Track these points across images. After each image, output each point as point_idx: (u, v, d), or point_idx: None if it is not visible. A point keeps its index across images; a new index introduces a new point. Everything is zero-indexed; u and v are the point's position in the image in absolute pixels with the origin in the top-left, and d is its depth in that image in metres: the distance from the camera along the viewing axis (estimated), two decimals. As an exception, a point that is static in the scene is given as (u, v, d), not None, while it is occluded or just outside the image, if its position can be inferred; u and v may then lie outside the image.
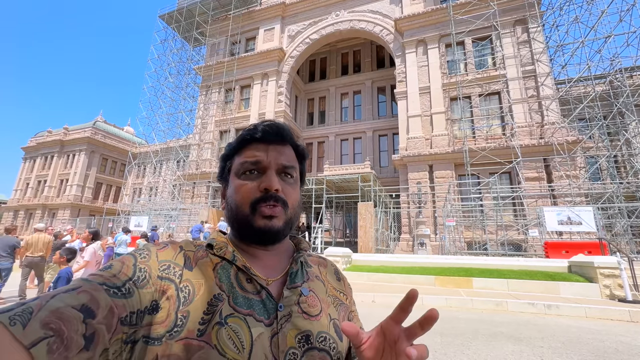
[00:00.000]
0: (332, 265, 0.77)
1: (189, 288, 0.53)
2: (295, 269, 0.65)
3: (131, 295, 0.47)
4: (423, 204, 16.77)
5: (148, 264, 0.53)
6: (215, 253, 0.61)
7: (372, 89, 28.08)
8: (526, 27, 17.72)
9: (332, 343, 0.59)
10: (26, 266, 6.83)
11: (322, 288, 0.67)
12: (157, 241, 0.69)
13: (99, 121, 43.28)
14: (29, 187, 40.09)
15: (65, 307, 0.40)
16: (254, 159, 0.64)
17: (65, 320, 0.38)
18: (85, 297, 0.42)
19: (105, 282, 0.46)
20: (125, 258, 0.53)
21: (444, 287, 8.59)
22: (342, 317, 0.68)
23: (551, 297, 7.28)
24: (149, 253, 0.55)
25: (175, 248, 0.59)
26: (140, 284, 0.50)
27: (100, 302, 0.43)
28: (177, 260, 0.56)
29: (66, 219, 34.38)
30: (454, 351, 4.05)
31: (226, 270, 0.59)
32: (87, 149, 38.72)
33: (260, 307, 0.56)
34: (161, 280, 0.52)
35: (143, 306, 0.48)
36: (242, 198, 0.62)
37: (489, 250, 13.64)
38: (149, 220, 18.55)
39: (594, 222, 11.09)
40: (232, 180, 0.66)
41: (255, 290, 0.58)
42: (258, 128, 0.66)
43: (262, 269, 0.62)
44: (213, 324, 0.51)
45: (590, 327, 5.39)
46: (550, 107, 15.99)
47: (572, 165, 15.20)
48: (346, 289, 0.74)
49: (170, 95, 26.23)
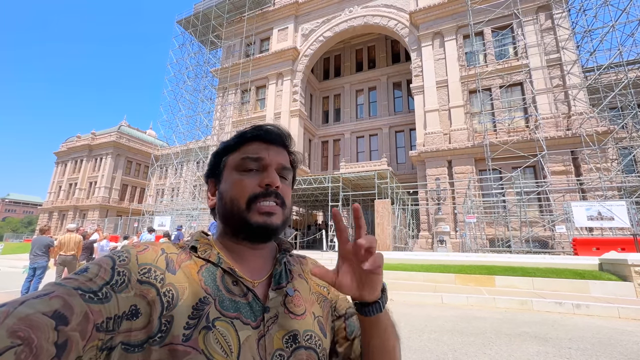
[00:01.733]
0: (313, 262, 0.77)
1: (172, 292, 0.52)
2: (279, 269, 0.65)
3: (108, 300, 0.46)
4: (442, 201, 16.38)
5: (127, 267, 0.51)
6: (200, 255, 0.60)
7: (388, 85, 27.66)
8: (550, 13, 16.85)
9: (317, 340, 0.60)
10: (60, 264, 7.28)
11: (305, 286, 0.68)
12: (137, 243, 0.67)
13: (124, 125, 45.19)
14: (62, 190, 42.49)
15: (35, 313, 0.38)
16: (256, 155, 0.64)
17: (35, 328, 0.36)
18: (58, 303, 0.40)
19: (81, 286, 0.45)
20: (103, 260, 0.51)
21: (465, 285, 8.37)
22: (326, 313, 0.69)
23: (580, 297, 6.93)
24: (128, 256, 0.53)
25: (157, 250, 0.57)
26: (119, 288, 0.48)
27: (75, 308, 0.41)
28: (159, 264, 0.54)
29: (95, 219, 36.22)
30: (475, 351, 3.95)
31: (211, 273, 0.58)
32: (113, 152, 40.55)
33: (247, 309, 0.56)
34: (141, 285, 0.50)
35: (121, 311, 0.47)
36: (240, 193, 0.61)
37: (512, 247, 13.15)
38: (171, 220, 19.22)
39: (628, 217, 10.44)
40: (229, 175, 0.65)
41: (241, 293, 0.57)
42: (262, 128, 0.67)
43: (247, 271, 0.62)
44: (200, 329, 0.50)
45: (623, 328, 5.10)
46: (577, 96, 15.16)
47: (602, 158, 14.35)
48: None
49: (188, 98, 26.98)
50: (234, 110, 25.81)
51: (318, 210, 25.65)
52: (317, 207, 24.52)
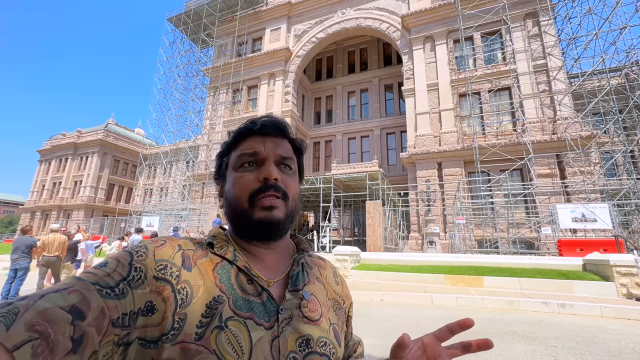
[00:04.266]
0: (332, 267, 0.75)
1: (187, 290, 0.51)
2: (297, 270, 0.64)
3: (124, 296, 0.46)
4: (432, 202, 16.60)
5: (144, 263, 0.51)
6: (216, 252, 0.59)
7: (380, 87, 27.90)
8: (537, 20, 17.32)
9: (331, 348, 0.59)
10: (43, 265, 7.05)
11: (322, 291, 0.66)
12: (155, 239, 0.65)
13: (111, 124, 44.21)
14: (45, 189, 41.25)
15: (53, 307, 0.38)
16: (251, 150, 0.63)
17: (52, 322, 0.37)
18: (76, 298, 0.41)
19: (99, 281, 0.45)
20: (122, 256, 0.51)
21: (454, 285, 8.49)
22: (341, 321, 0.67)
23: (565, 296, 7.12)
24: (146, 251, 0.52)
25: (174, 246, 0.56)
26: (135, 284, 0.48)
27: (92, 303, 0.42)
28: (175, 260, 0.54)
29: (80, 219, 35.27)
30: (465, 350, 4.00)
31: (226, 271, 0.57)
32: (100, 151, 39.61)
33: (260, 309, 0.55)
34: (157, 281, 0.50)
35: (137, 307, 0.47)
36: (240, 190, 0.60)
37: (500, 248, 13.41)
38: (160, 220, 18.88)
39: (610, 219, 10.79)
40: (229, 174, 0.64)
41: (256, 292, 0.56)
42: (256, 122, 0.66)
43: (263, 269, 0.61)
44: (212, 328, 0.49)
45: (606, 327, 5.26)
46: (562, 101, 15.61)
47: (586, 161, 14.81)
48: (344, 292, 0.73)
49: (179, 97, 26.62)
50: (225, 110, 25.57)
51: (309, 211, 25.62)
52: (309, 208, 24.49)
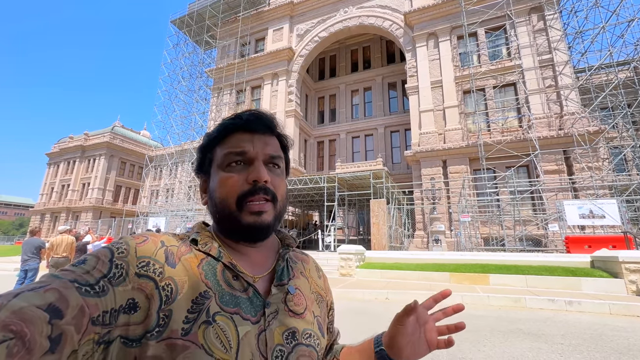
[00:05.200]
0: (314, 262, 0.76)
1: (171, 286, 0.51)
2: (282, 265, 0.64)
3: (105, 293, 0.45)
4: (437, 200, 16.50)
5: (126, 260, 0.49)
6: (200, 249, 0.58)
7: (383, 85, 27.79)
8: (542, 14, 17.08)
9: (316, 339, 0.60)
10: (52, 266, 7.18)
11: (306, 284, 0.67)
12: (137, 235, 0.64)
13: (117, 126, 44.73)
14: (54, 192, 41.92)
15: (29, 306, 0.37)
16: (239, 149, 0.60)
17: (28, 321, 0.36)
18: (53, 296, 0.39)
19: (77, 279, 0.44)
20: (101, 252, 0.49)
21: (460, 283, 8.44)
22: (323, 313, 0.69)
23: (572, 294, 7.03)
24: (127, 248, 0.51)
25: (156, 243, 0.55)
26: (116, 282, 0.47)
27: (70, 301, 0.40)
28: (157, 257, 0.53)
29: (89, 220, 35.80)
30: (469, 347, 3.99)
31: (212, 267, 0.56)
32: (107, 153, 40.12)
33: (247, 304, 0.55)
34: (139, 278, 0.49)
35: (118, 305, 0.46)
36: (228, 192, 0.59)
37: (506, 246, 13.28)
38: (166, 221, 19.08)
39: (619, 215, 10.62)
40: (215, 172, 0.62)
41: (242, 288, 0.56)
42: (242, 117, 0.63)
43: (248, 265, 0.61)
44: (200, 323, 0.49)
45: (614, 324, 5.19)
46: (569, 96, 15.37)
47: (594, 157, 14.57)
48: (326, 286, 0.75)
49: (183, 98, 26.82)
50: (229, 111, 25.67)
51: (314, 210, 25.64)
52: (313, 207, 24.52)
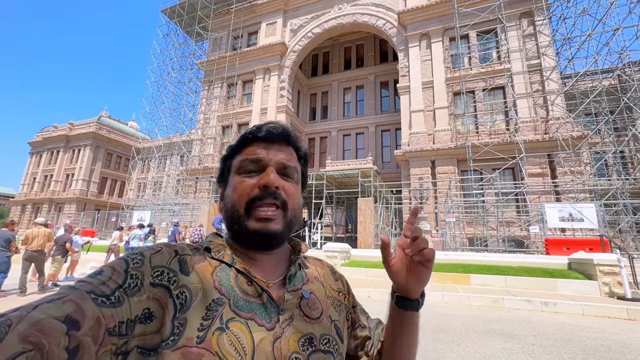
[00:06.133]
0: (328, 265, 0.77)
1: (186, 294, 0.51)
2: (294, 271, 0.65)
3: (121, 304, 0.45)
4: (425, 200, 16.67)
5: (141, 270, 0.50)
6: (214, 256, 0.59)
7: (375, 84, 27.83)
8: (532, 19, 17.33)
9: (335, 345, 0.60)
10: (26, 260, 6.98)
11: (321, 289, 0.67)
12: (152, 246, 0.62)
13: (104, 116, 43.61)
14: (36, 182, 40.68)
15: (47, 318, 0.38)
16: (254, 156, 0.63)
17: (46, 333, 0.36)
18: (70, 307, 0.40)
19: (94, 290, 0.44)
20: (117, 263, 0.50)
21: (442, 283, 8.55)
22: (343, 318, 0.68)
23: (549, 294, 7.22)
24: (142, 258, 0.52)
25: (170, 252, 0.56)
26: (131, 292, 0.47)
27: (87, 313, 0.41)
28: (172, 266, 0.54)
29: (72, 213, 34.93)
30: (443, 348, 4.04)
31: (226, 274, 0.57)
32: (92, 143, 39.10)
33: (261, 310, 0.55)
34: (154, 288, 0.50)
35: (134, 315, 0.46)
36: (239, 195, 0.60)
37: (489, 246, 13.55)
38: (151, 215, 18.76)
39: (596, 218, 10.94)
40: (231, 178, 0.65)
41: (256, 294, 0.57)
42: (262, 128, 0.66)
43: (261, 271, 0.61)
44: (213, 330, 0.49)
45: (585, 325, 5.34)
46: (555, 101, 15.69)
47: (576, 161, 14.94)
48: (344, 287, 0.74)
49: (172, 90, 26.27)
50: (219, 104, 25.34)
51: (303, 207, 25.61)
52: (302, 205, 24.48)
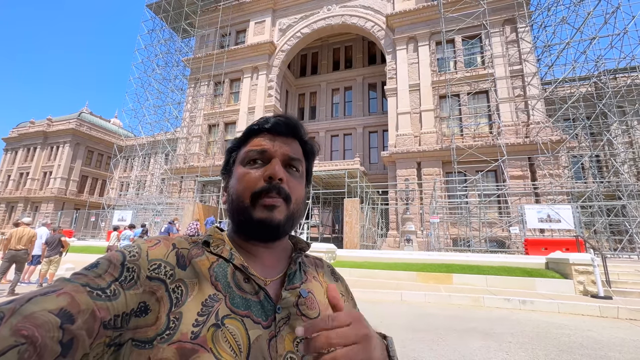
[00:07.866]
0: (328, 265, 0.75)
1: (182, 288, 0.50)
2: (294, 269, 0.63)
3: (116, 297, 0.45)
4: (410, 201, 16.89)
5: (137, 263, 0.50)
6: (212, 251, 0.58)
7: (363, 85, 28.02)
8: (515, 26, 17.86)
9: None
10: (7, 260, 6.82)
11: (320, 289, 0.65)
12: (149, 238, 0.59)
13: (85, 112, 42.16)
14: (11, 180, 38.93)
15: (41, 311, 0.37)
16: (259, 147, 0.62)
17: (39, 326, 0.36)
18: (65, 300, 0.39)
19: (89, 282, 0.44)
20: (114, 256, 0.50)
21: (426, 283, 8.67)
22: None
23: (527, 293, 7.43)
24: (139, 251, 0.52)
25: (168, 245, 0.55)
26: (127, 285, 0.47)
27: (81, 306, 0.40)
28: (169, 259, 0.53)
29: (50, 212, 33.59)
30: (423, 347, 4.08)
31: (223, 269, 0.56)
32: (72, 140, 37.72)
33: (258, 308, 0.54)
34: (150, 281, 0.49)
35: (129, 308, 0.46)
36: (244, 187, 0.59)
37: (472, 246, 13.84)
38: (133, 214, 18.26)
39: (572, 219, 11.35)
40: (235, 169, 0.64)
41: (253, 291, 0.56)
42: (269, 120, 0.65)
43: (260, 268, 0.60)
44: (209, 326, 0.48)
45: (560, 322, 5.52)
46: (535, 106, 16.21)
47: (555, 164, 15.48)
48: (344, 289, 0.72)
49: (157, 87, 25.66)
50: (206, 103, 24.93)
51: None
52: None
